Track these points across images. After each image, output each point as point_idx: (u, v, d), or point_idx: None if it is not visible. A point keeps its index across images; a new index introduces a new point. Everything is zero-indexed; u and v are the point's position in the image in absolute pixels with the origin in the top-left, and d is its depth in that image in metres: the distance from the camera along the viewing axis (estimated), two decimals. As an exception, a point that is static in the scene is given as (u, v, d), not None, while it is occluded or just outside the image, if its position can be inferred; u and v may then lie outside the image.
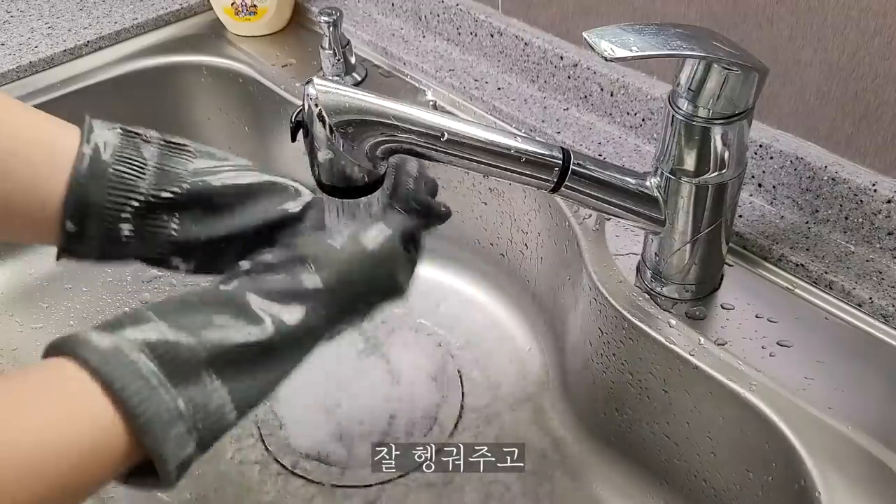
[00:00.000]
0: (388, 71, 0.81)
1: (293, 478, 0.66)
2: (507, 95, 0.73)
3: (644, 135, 0.66)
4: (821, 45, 0.52)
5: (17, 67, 0.81)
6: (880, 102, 0.51)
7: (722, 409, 0.52)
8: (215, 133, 0.91)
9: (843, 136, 0.54)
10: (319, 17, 0.75)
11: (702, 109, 0.46)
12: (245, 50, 0.86)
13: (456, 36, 0.78)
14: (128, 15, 0.89)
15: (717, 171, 0.48)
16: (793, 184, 0.57)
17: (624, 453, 0.63)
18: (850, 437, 0.46)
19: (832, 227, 0.56)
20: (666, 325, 0.54)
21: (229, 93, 0.87)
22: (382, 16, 0.85)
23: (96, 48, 0.86)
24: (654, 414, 0.58)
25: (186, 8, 0.91)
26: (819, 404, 0.48)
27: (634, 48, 0.41)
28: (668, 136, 0.48)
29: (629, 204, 0.50)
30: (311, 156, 0.42)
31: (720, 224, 0.51)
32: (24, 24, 0.88)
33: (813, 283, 0.55)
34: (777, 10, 0.54)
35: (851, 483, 0.44)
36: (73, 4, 0.91)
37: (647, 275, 0.56)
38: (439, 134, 0.42)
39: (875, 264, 0.54)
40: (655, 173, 0.50)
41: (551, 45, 0.69)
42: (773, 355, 0.51)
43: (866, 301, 0.52)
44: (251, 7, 0.85)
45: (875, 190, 0.52)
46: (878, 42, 0.50)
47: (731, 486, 0.54)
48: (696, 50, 0.43)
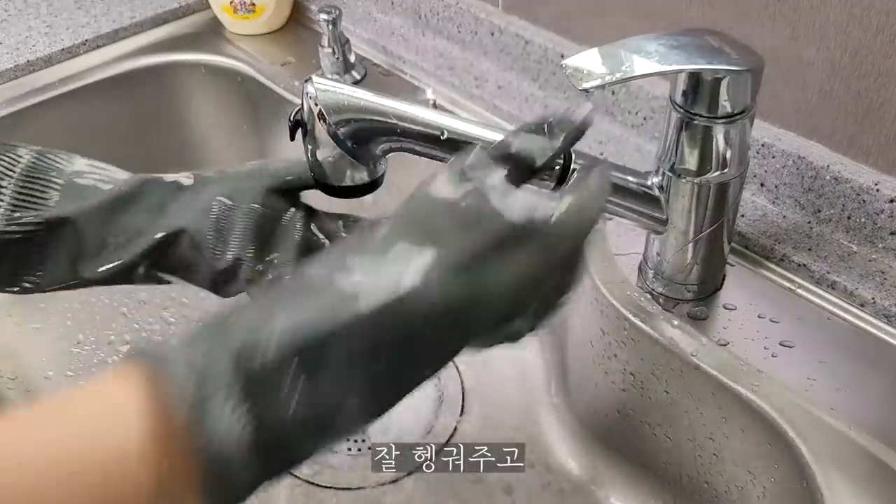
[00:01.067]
0: (388, 69, 0.80)
1: (292, 478, 0.66)
2: (508, 94, 0.73)
3: (645, 134, 0.66)
4: (823, 43, 0.52)
5: (14, 66, 0.81)
6: (883, 101, 0.51)
7: (724, 410, 0.51)
8: (213, 132, 0.91)
9: (846, 136, 0.54)
10: (318, 15, 0.75)
11: (703, 108, 0.45)
12: (244, 48, 0.86)
13: (456, 34, 0.78)
14: (126, 13, 0.89)
15: (718, 170, 0.47)
16: (795, 183, 0.56)
17: (625, 454, 0.62)
18: (852, 438, 0.46)
19: (834, 227, 0.56)
20: (668, 326, 0.53)
21: (228, 91, 0.86)
22: (382, 14, 0.85)
23: (94, 47, 0.85)
24: (656, 415, 0.57)
25: (185, 6, 0.91)
26: (821, 405, 0.48)
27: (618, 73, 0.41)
28: (669, 135, 0.48)
29: (630, 203, 0.50)
30: (310, 155, 0.42)
31: (722, 224, 0.51)
32: (21, 23, 0.88)
33: (815, 283, 0.54)
34: (779, 8, 0.53)
35: (854, 484, 0.44)
36: (70, 3, 0.91)
37: (649, 275, 0.55)
38: (439, 133, 0.42)
39: (878, 264, 0.54)
40: (657, 172, 0.50)
41: (552, 44, 0.69)
42: (776, 356, 0.51)
43: (869, 301, 0.52)
44: (250, 5, 0.85)
45: (878, 189, 0.52)
46: (880, 40, 0.49)
47: (733, 487, 0.54)
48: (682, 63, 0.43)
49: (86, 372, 0.75)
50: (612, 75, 0.41)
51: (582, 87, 0.41)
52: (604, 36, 0.45)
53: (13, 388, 0.74)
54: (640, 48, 0.42)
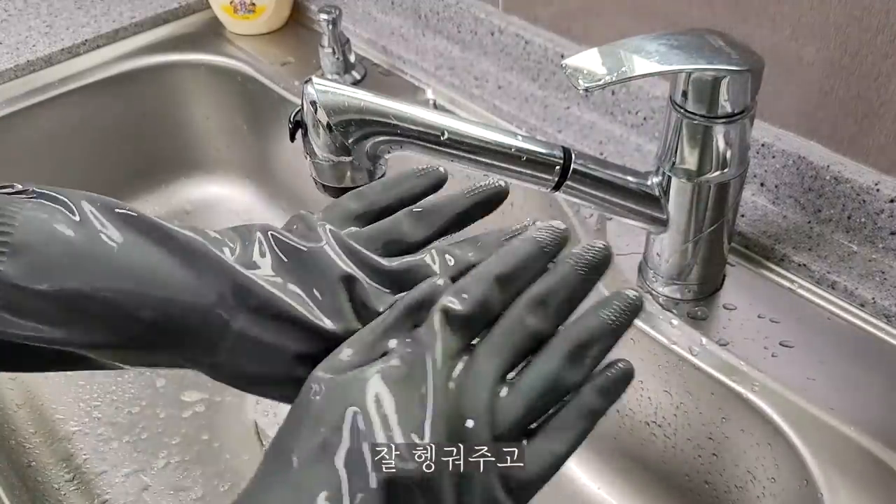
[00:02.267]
0: (388, 69, 0.80)
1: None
2: (508, 94, 0.72)
3: (645, 134, 0.66)
4: (823, 43, 0.52)
5: (14, 66, 0.81)
6: (883, 101, 0.51)
7: (724, 410, 0.51)
8: (213, 132, 0.91)
9: (846, 136, 0.54)
10: (318, 15, 0.75)
11: (703, 108, 0.45)
12: (243, 48, 0.86)
13: (456, 34, 0.78)
14: (126, 13, 0.89)
15: (718, 170, 0.47)
16: (795, 183, 0.56)
17: (625, 454, 0.62)
18: (852, 438, 0.46)
19: (835, 227, 0.56)
20: (667, 326, 0.53)
21: (228, 91, 0.86)
22: (382, 14, 0.85)
23: (94, 47, 0.85)
24: (656, 415, 0.57)
25: (185, 6, 0.91)
26: (821, 405, 0.48)
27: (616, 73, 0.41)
28: (669, 134, 0.48)
29: (630, 203, 0.50)
30: (310, 156, 0.42)
31: (722, 224, 0.51)
32: (21, 23, 0.88)
33: (815, 283, 0.54)
34: (779, 8, 0.53)
35: (854, 484, 0.44)
36: (70, 3, 0.91)
37: (649, 274, 0.55)
38: (439, 133, 0.42)
39: (878, 264, 0.54)
40: (657, 172, 0.50)
41: (552, 44, 0.69)
42: (776, 356, 0.51)
43: (869, 301, 0.52)
44: (250, 5, 0.85)
45: (878, 189, 0.52)
46: (880, 40, 0.49)
47: (732, 487, 0.54)
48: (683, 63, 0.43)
49: (86, 372, 0.75)
50: (612, 75, 0.41)
51: (582, 87, 0.41)
52: (604, 36, 0.45)
53: (13, 388, 0.74)
54: (640, 48, 0.42)
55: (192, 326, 0.30)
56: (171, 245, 0.30)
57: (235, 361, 0.30)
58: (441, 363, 0.27)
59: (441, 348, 0.27)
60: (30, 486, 0.65)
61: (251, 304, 0.30)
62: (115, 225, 0.30)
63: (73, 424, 0.71)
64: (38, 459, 0.68)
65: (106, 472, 0.68)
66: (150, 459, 0.68)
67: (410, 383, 0.27)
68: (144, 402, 0.73)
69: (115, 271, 0.29)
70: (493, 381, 0.28)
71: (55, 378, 0.74)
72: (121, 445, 0.69)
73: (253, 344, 0.30)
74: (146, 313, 0.29)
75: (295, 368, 0.30)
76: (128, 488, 0.66)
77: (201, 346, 0.30)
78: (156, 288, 0.29)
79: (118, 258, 0.29)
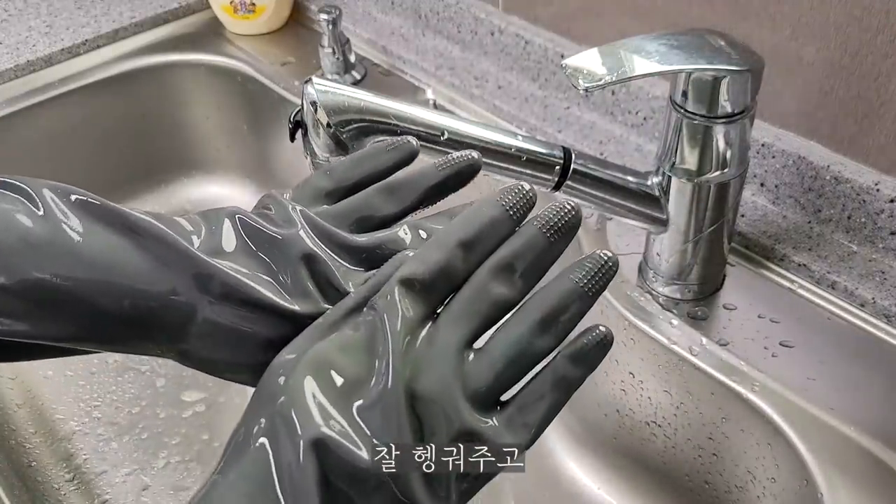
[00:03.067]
0: (388, 69, 0.80)
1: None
2: (508, 94, 0.72)
3: (645, 134, 0.66)
4: (823, 43, 0.52)
5: (14, 66, 0.81)
6: (883, 101, 0.51)
7: (724, 410, 0.51)
8: (213, 132, 0.91)
9: (846, 136, 0.54)
10: (318, 15, 0.75)
11: (703, 108, 0.45)
12: (243, 48, 0.86)
13: (456, 34, 0.78)
14: (126, 13, 0.89)
15: (718, 170, 0.48)
16: (795, 183, 0.56)
17: (625, 454, 0.62)
18: (852, 438, 0.46)
19: (835, 227, 0.56)
20: (667, 326, 0.53)
21: (228, 91, 0.86)
22: (382, 14, 0.85)
23: (94, 47, 0.85)
24: (656, 415, 0.57)
25: (185, 6, 0.91)
26: (821, 405, 0.48)
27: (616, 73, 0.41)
28: (669, 135, 0.48)
29: (631, 203, 0.50)
30: (310, 156, 0.42)
31: (722, 224, 0.51)
32: (21, 23, 0.88)
33: (815, 283, 0.54)
34: (779, 8, 0.53)
35: (854, 484, 0.44)
36: (70, 3, 0.91)
37: (649, 274, 0.55)
38: (439, 133, 0.42)
39: (878, 264, 0.54)
40: (657, 172, 0.50)
41: (552, 44, 0.69)
42: (776, 356, 0.51)
43: (869, 301, 0.52)
44: (250, 5, 0.85)
45: (878, 189, 0.52)
46: (880, 40, 0.49)
47: (732, 487, 0.54)
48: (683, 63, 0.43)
49: (86, 372, 0.75)
50: (612, 75, 0.41)
51: (582, 88, 0.41)
52: (604, 36, 0.45)
53: (13, 388, 0.74)
54: (640, 48, 0.42)
55: (157, 315, 0.29)
56: (133, 234, 0.30)
57: (205, 348, 0.30)
58: (400, 330, 0.26)
59: (400, 315, 0.26)
60: (30, 486, 0.65)
61: (215, 291, 0.29)
62: (76, 214, 0.29)
63: (73, 424, 0.71)
64: (38, 459, 0.68)
65: (106, 472, 0.68)
66: (150, 459, 0.68)
67: (370, 351, 0.26)
68: (144, 402, 0.73)
69: (77, 261, 0.29)
70: (456, 347, 0.26)
71: (55, 378, 0.74)
72: (121, 445, 0.69)
73: (221, 330, 0.30)
74: (109, 303, 0.29)
75: (266, 353, 0.29)
76: (128, 488, 0.66)
77: (168, 333, 0.30)
78: (118, 277, 0.29)
79: (80, 248, 0.29)
